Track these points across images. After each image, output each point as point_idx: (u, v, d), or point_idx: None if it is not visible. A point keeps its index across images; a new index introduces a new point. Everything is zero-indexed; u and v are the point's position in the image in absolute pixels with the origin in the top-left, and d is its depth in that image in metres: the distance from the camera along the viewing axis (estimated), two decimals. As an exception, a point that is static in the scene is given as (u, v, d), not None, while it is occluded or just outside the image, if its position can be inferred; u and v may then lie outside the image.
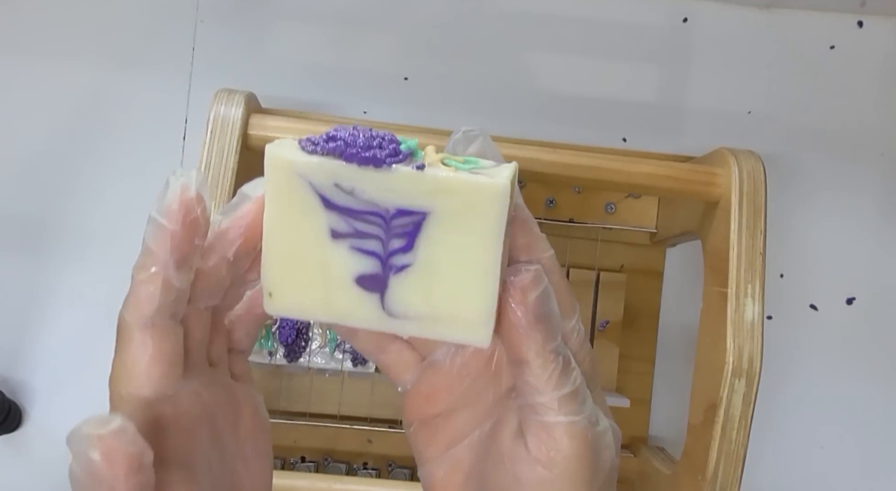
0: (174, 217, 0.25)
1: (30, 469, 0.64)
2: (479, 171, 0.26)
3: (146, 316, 0.26)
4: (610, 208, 0.65)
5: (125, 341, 0.27)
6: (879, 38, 0.70)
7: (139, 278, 0.26)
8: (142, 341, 0.27)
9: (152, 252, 0.26)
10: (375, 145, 0.25)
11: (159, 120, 0.66)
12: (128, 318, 0.27)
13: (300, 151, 0.26)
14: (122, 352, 0.27)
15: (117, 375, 0.28)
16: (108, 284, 0.65)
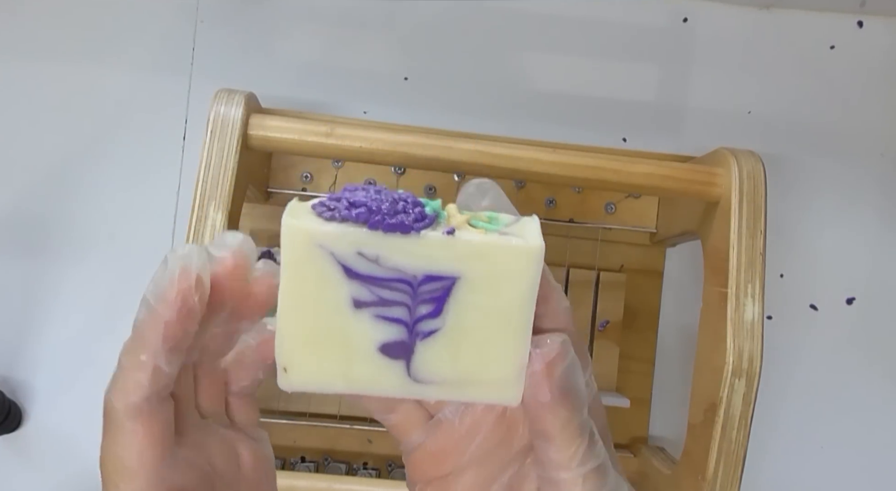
0: (169, 305, 0.25)
1: (30, 469, 0.64)
2: (507, 231, 0.25)
3: (135, 403, 0.25)
4: (610, 208, 0.65)
5: (114, 427, 0.25)
6: (879, 38, 0.70)
7: (128, 363, 0.25)
8: (132, 430, 0.25)
9: (143, 337, 0.25)
10: (401, 209, 0.24)
11: (159, 120, 0.66)
12: (115, 404, 0.25)
13: (318, 219, 0.25)
14: (112, 439, 0.26)
15: (110, 465, 0.26)
16: (109, 284, 0.65)
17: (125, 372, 0.25)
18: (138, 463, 0.25)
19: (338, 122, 0.50)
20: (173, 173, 0.66)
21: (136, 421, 0.25)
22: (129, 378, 0.25)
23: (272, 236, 0.63)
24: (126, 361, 0.25)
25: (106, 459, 0.26)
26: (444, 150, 0.49)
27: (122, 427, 0.25)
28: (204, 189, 0.48)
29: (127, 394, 0.25)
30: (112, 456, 0.25)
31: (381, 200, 0.24)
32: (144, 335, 0.25)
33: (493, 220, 0.26)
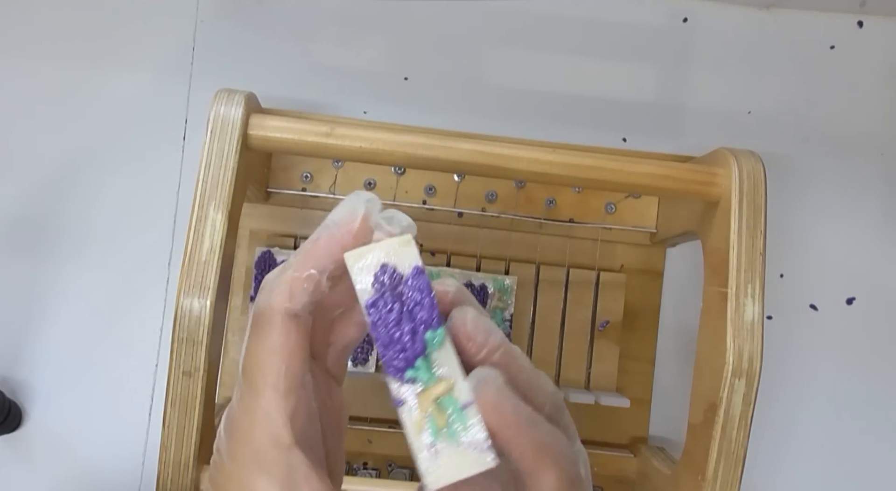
0: (348, 233, 0.28)
1: (30, 469, 0.64)
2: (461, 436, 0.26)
3: (295, 308, 0.28)
4: (610, 208, 0.65)
5: (271, 328, 0.28)
6: (879, 38, 0.70)
7: (297, 273, 0.28)
8: (289, 330, 0.28)
9: (318, 254, 0.28)
10: (401, 341, 0.27)
11: (159, 120, 0.66)
12: (276, 306, 0.28)
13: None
14: (266, 339, 0.28)
15: (259, 363, 0.28)
16: (109, 284, 0.65)
17: (293, 281, 0.28)
18: (290, 361, 0.28)
19: (338, 122, 0.50)
20: (173, 173, 0.66)
21: (294, 323, 0.28)
22: (297, 285, 0.28)
23: (272, 236, 0.64)
24: (296, 270, 0.28)
25: (254, 359, 0.28)
26: (444, 150, 0.49)
27: (280, 328, 0.28)
28: (204, 189, 0.48)
29: (291, 298, 0.28)
30: (264, 354, 0.28)
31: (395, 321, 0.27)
32: (320, 252, 0.28)
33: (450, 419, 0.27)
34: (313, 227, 0.65)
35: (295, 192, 0.63)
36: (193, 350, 0.46)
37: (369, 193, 0.30)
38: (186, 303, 0.46)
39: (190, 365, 0.46)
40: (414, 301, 0.27)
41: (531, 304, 0.65)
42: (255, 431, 0.28)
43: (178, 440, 0.46)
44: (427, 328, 0.27)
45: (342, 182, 0.63)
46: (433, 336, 0.27)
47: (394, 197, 0.63)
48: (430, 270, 0.62)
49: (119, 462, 0.64)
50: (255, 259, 0.61)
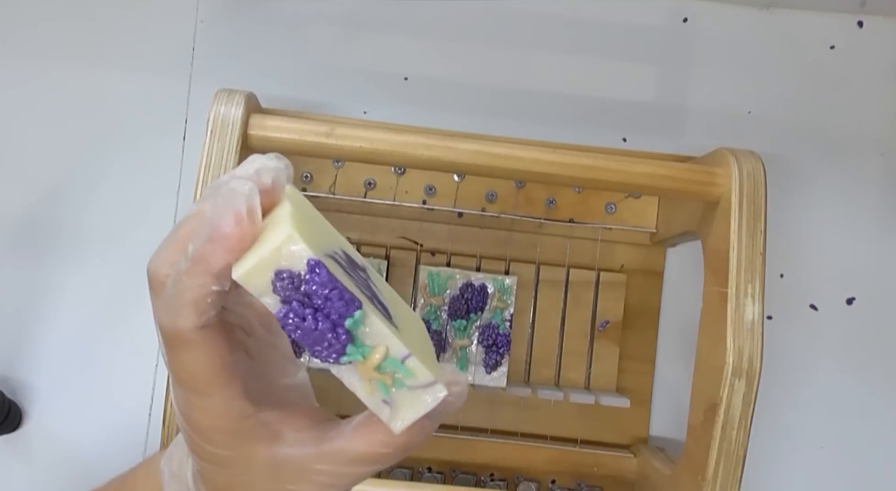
0: (234, 241, 0.26)
1: (30, 469, 0.64)
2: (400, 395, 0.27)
3: (204, 323, 0.28)
4: (610, 208, 0.65)
5: (185, 346, 0.28)
6: (879, 38, 0.70)
7: (198, 295, 0.27)
8: (204, 343, 0.28)
9: (209, 269, 0.26)
10: (325, 339, 0.26)
11: (159, 120, 0.66)
12: (185, 328, 0.28)
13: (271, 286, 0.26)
14: (186, 356, 0.29)
15: (189, 375, 0.29)
16: (108, 284, 0.65)
17: (195, 301, 0.27)
18: (218, 365, 0.28)
19: (338, 122, 0.50)
20: (173, 173, 0.66)
21: (208, 332, 0.27)
22: (201, 304, 0.27)
23: (272, 236, 0.63)
24: (194, 291, 0.27)
25: (183, 374, 0.28)
26: (444, 151, 0.49)
27: (198, 345, 0.28)
28: (204, 189, 0.48)
29: (200, 316, 0.27)
30: (192, 370, 0.28)
31: (312, 328, 0.26)
32: (210, 265, 0.26)
33: (395, 375, 0.27)
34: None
35: (295, 192, 0.63)
36: (193, 350, 0.46)
37: (259, 163, 0.27)
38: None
39: (190, 365, 0.46)
40: (322, 297, 0.26)
41: (531, 304, 0.65)
42: (219, 422, 0.29)
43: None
44: (346, 317, 0.26)
45: (342, 182, 0.63)
46: (353, 321, 0.26)
47: (394, 197, 0.63)
48: (430, 270, 0.62)
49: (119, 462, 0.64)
50: (255, 259, 0.61)
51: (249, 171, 0.27)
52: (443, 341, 0.61)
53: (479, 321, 0.62)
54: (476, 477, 0.63)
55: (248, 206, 0.25)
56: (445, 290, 0.62)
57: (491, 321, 0.61)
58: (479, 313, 0.62)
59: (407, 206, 0.63)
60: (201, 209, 0.28)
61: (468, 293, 0.61)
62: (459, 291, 0.61)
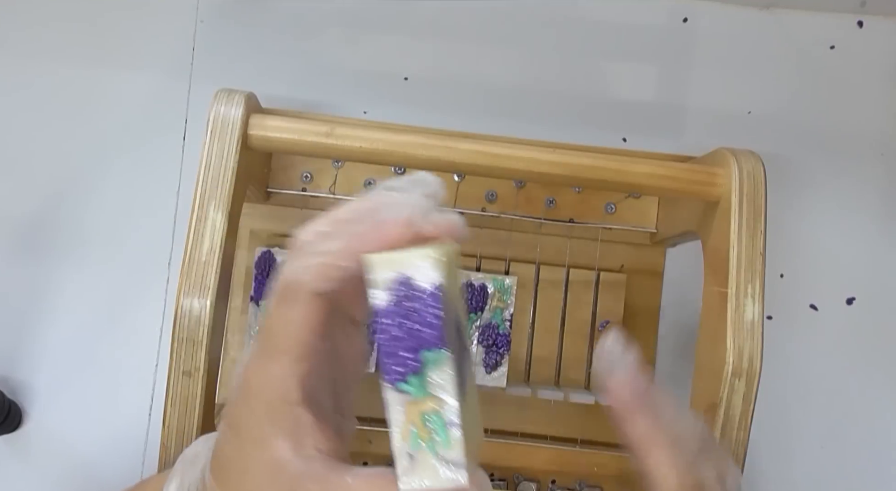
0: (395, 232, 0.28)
1: (30, 469, 0.64)
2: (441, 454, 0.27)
3: (321, 289, 0.29)
4: (610, 208, 0.65)
5: (294, 300, 0.29)
6: (879, 38, 0.70)
7: (332, 262, 0.29)
8: (310, 306, 0.29)
9: (356, 248, 0.28)
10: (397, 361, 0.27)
11: (159, 120, 0.66)
12: (304, 284, 0.29)
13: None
14: (288, 308, 0.30)
15: (280, 327, 0.30)
16: (109, 284, 0.65)
17: (327, 266, 0.29)
18: (308, 335, 0.29)
19: (338, 122, 0.50)
20: (173, 173, 0.66)
21: (318, 301, 0.29)
22: (330, 271, 0.29)
23: (272, 236, 0.63)
24: (331, 257, 0.29)
25: (275, 324, 0.30)
26: (444, 151, 0.49)
27: (304, 304, 0.29)
28: (204, 189, 0.48)
29: (321, 280, 0.29)
30: (285, 324, 0.29)
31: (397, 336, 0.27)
32: (359, 245, 0.28)
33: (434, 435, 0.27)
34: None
35: (295, 192, 0.63)
36: (193, 350, 0.46)
37: (430, 181, 0.30)
38: (186, 303, 0.46)
39: (190, 365, 0.46)
40: (423, 321, 0.27)
41: (531, 304, 0.65)
42: (267, 386, 0.29)
43: (178, 440, 0.46)
44: (428, 349, 0.27)
45: (342, 182, 0.63)
46: (432, 357, 0.27)
47: (394, 197, 0.63)
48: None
49: (119, 462, 0.64)
50: (255, 259, 0.61)
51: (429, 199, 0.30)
52: (443, 341, 0.61)
53: (479, 321, 0.62)
54: (476, 477, 0.63)
55: (419, 219, 0.28)
56: (445, 290, 0.62)
57: (491, 321, 0.61)
58: (479, 313, 0.62)
59: (407, 206, 0.63)
60: (372, 202, 0.30)
61: (468, 293, 0.61)
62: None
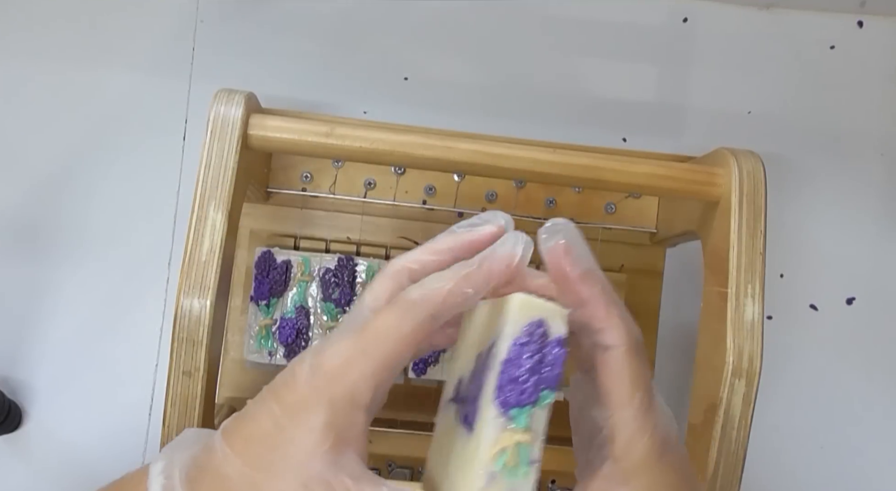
0: (505, 274, 0.32)
1: (30, 469, 0.64)
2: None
3: (436, 314, 0.31)
4: (610, 208, 0.65)
5: (412, 315, 0.31)
6: (879, 38, 0.70)
7: (457, 290, 0.32)
8: (422, 327, 0.31)
9: (477, 282, 0.32)
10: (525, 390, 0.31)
11: (159, 120, 0.66)
12: (427, 306, 0.31)
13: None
14: (404, 319, 0.31)
15: (388, 332, 0.31)
16: (109, 284, 0.65)
17: (452, 293, 0.31)
18: (405, 351, 0.31)
19: (338, 122, 0.50)
20: (173, 173, 0.66)
21: (429, 324, 0.31)
22: (452, 299, 0.31)
23: (272, 236, 0.63)
24: (457, 285, 0.31)
25: (384, 327, 0.31)
26: (444, 150, 0.49)
27: (419, 323, 0.31)
28: (204, 189, 0.48)
29: (442, 306, 0.31)
30: (393, 332, 0.31)
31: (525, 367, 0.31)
32: (479, 280, 0.32)
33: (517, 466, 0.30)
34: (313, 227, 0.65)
35: (295, 192, 0.63)
36: (193, 350, 0.46)
37: (524, 235, 0.34)
38: (186, 303, 0.46)
39: (190, 365, 0.46)
40: (550, 363, 0.31)
41: (531, 304, 0.65)
42: (343, 377, 0.30)
43: (178, 440, 0.46)
44: (547, 388, 0.31)
45: (342, 182, 0.63)
46: (546, 396, 0.31)
47: (394, 197, 0.63)
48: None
49: (119, 462, 0.64)
50: (255, 259, 0.61)
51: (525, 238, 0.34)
52: (443, 341, 0.61)
53: (479, 321, 0.61)
54: (476, 477, 0.63)
55: (523, 252, 0.33)
56: (445, 290, 0.62)
57: (491, 321, 0.61)
58: (479, 313, 0.61)
59: (407, 206, 0.63)
60: (465, 237, 0.35)
61: (468, 293, 0.61)
62: (459, 291, 0.61)
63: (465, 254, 0.34)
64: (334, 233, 0.64)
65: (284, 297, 0.60)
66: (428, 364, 0.61)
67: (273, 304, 0.60)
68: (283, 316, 0.60)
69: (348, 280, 0.61)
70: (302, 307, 0.60)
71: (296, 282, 0.61)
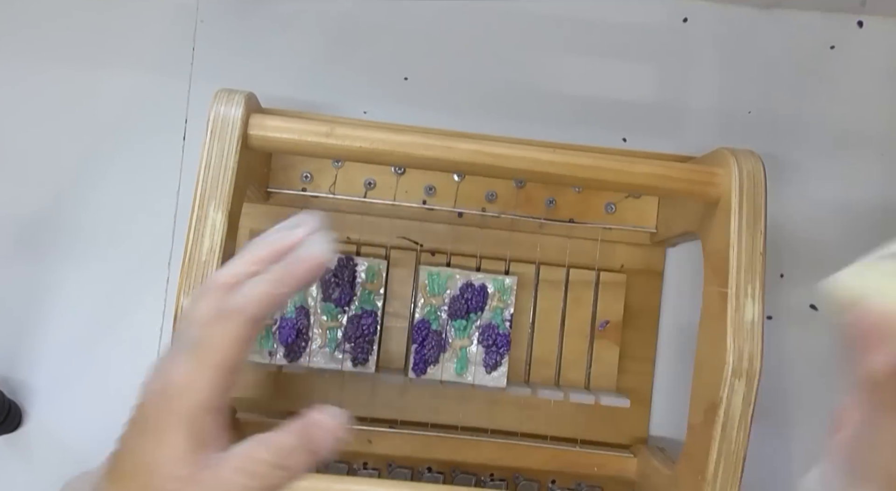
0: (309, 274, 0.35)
1: (30, 469, 0.64)
2: None
3: (259, 315, 0.34)
4: (610, 208, 0.65)
5: (234, 322, 0.34)
6: (879, 38, 0.70)
7: (272, 291, 0.34)
8: (248, 329, 0.34)
9: (291, 279, 0.35)
10: None
11: (159, 120, 0.66)
12: (249, 311, 0.34)
13: None
14: (230, 328, 0.34)
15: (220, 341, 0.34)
16: (109, 284, 0.65)
17: (268, 294, 0.34)
18: (240, 352, 0.34)
19: (338, 122, 0.50)
20: (173, 173, 0.66)
21: (253, 325, 0.34)
22: (270, 300, 0.34)
23: (272, 236, 0.63)
24: (271, 287, 0.34)
25: (214, 338, 0.33)
26: (444, 150, 0.49)
27: (245, 326, 0.34)
28: (204, 189, 0.48)
29: (261, 308, 0.34)
30: (226, 339, 0.33)
31: None
32: (289, 279, 0.34)
33: None
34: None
35: (295, 192, 0.63)
36: (193, 350, 0.46)
37: (327, 236, 0.37)
38: (186, 303, 0.46)
39: (190, 365, 0.46)
40: None
41: (531, 304, 0.65)
42: (190, 391, 0.33)
43: (178, 440, 0.46)
44: None
45: (342, 182, 0.63)
46: None
47: (394, 197, 0.63)
48: (430, 270, 0.62)
49: (119, 462, 0.64)
50: (255, 259, 0.61)
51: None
52: (443, 341, 0.61)
53: (479, 321, 0.62)
54: (476, 477, 0.63)
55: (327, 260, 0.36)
56: (445, 290, 0.62)
57: (491, 321, 0.61)
58: (479, 313, 0.62)
59: (407, 206, 0.63)
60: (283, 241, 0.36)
61: (468, 293, 0.61)
62: (459, 291, 0.61)
63: (278, 258, 0.36)
64: (334, 233, 0.64)
65: (284, 297, 0.60)
66: (428, 364, 0.61)
67: (273, 304, 0.60)
68: (283, 316, 0.60)
69: (348, 280, 0.61)
70: (302, 307, 0.60)
71: (296, 282, 0.61)
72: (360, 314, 0.61)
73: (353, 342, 0.60)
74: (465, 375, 0.61)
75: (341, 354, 0.60)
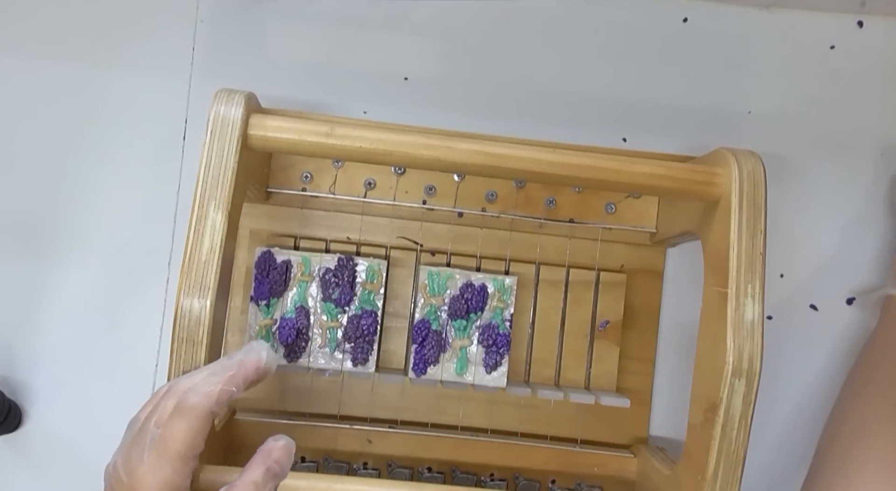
0: (254, 373, 0.43)
1: (30, 469, 0.64)
2: None
3: (215, 409, 0.41)
4: (610, 208, 0.65)
5: (195, 416, 0.40)
6: (879, 38, 0.70)
7: (226, 388, 0.42)
8: (206, 421, 0.41)
9: (237, 380, 0.42)
10: None
11: (159, 120, 0.67)
12: (205, 405, 0.41)
13: None
14: (190, 420, 0.40)
15: (181, 434, 0.40)
16: (108, 284, 0.65)
17: (222, 391, 0.41)
18: (199, 442, 0.40)
19: (338, 122, 0.50)
20: (173, 173, 0.66)
21: (210, 418, 0.41)
22: (223, 395, 0.41)
23: (272, 236, 0.64)
24: (225, 384, 0.41)
25: (175, 431, 0.40)
26: (444, 151, 0.49)
27: (203, 419, 0.40)
28: (204, 189, 0.48)
29: (217, 403, 0.41)
30: (185, 432, 0.40)
31: None
32: (239, 378, 0.42)
33: None
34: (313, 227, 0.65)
35: (295, 192, 0.63)
36: (193, 350, 0.46)
37: (266, 344, 0.44)
38: (186, 303, 0.46)
39: (190, 365, 0.46)
40: None
41: (531, 304, 0.65)
42: (161, 485, 0.39)
43: (178, 440, 0.46)
44: None
45: (342, 182, 0.63)
46: None
47: (394, 197, 0.63)
48: (430, 269, 0.62)
49: (119, 462, 0.64)
50: (255, 259, 0.61)
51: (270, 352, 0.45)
52: (443, 341, 0.61)
53: (479, 321, 0.62)
54: (476, 477, 0.63)
55: (267, 356, 0.44)
56: (445, 290, 0.62)
57: (491, 321, 0.61)
58: (479, 313, 0.62)
59: (407, 206, 0.63)
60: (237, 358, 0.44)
61: (468, 293, 0.61)
62: (459, 291, 0.61)
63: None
64: (334, 233, 0.64)
65: (284, 297, 0.60)
66: (428, 364, 0.61)
67: (273, 304, 0.60)
68: (283, 316, 0.60)
69: (348, 280, 0.61)
70: (302, 307, 0.60)
71: (296, 282, 0.61)
72: (360, 314, 0.61)
73: (353, 342, 0.60)
74: (465, 375, 0.61)
75: (341, 354, 0.60)
